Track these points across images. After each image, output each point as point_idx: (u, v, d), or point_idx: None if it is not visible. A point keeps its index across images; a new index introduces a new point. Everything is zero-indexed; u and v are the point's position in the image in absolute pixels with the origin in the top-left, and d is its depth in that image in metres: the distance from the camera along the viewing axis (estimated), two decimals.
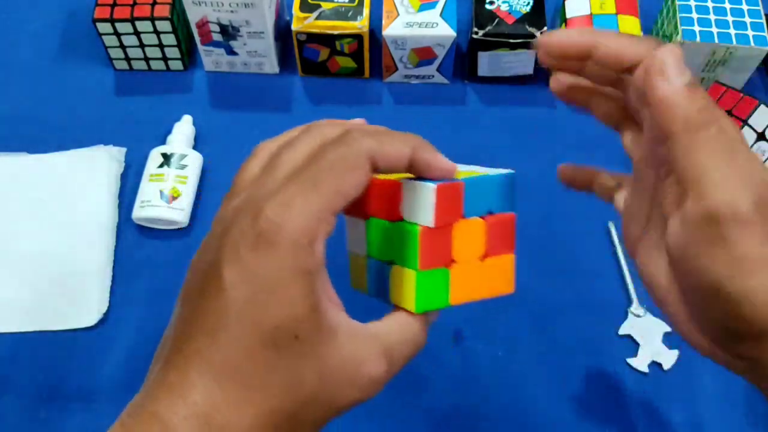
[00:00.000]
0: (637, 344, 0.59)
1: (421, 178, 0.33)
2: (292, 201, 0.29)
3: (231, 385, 0.29)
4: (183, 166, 0.65)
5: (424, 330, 0.34)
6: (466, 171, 0.35)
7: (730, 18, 0.67)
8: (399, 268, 0.33)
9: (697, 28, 0.67)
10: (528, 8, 0.68)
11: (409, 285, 0.33)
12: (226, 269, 0.29)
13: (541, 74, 0.73)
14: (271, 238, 0.28)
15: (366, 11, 0.68)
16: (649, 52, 0.31)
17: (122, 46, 0.71)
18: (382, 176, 0.33)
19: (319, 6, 0.68)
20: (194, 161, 0.66)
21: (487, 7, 0.69)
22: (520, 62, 0.70)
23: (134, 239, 0.64)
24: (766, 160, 0.63)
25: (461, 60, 0.73)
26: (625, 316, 0.60)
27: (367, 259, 0.36)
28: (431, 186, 0.32)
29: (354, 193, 0.30)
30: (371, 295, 0.36)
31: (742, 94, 0.65)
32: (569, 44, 0.34)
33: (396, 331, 0.33)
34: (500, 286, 0.35)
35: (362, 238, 0.36)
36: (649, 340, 0.59)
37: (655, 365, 0.59)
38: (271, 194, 0.29)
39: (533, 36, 0.67)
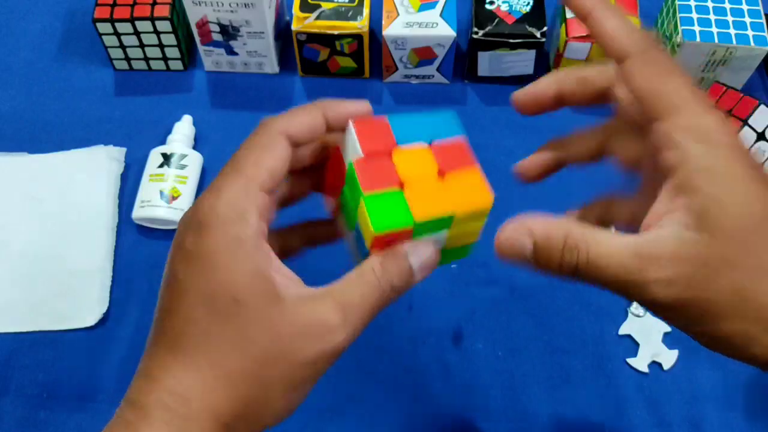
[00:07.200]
0: (637, 344, 0.59)
1: None
2: (221, 187, 0.32)
3: (182, 353, 0.30)
4: (183, 166, 0.65)
5: (384, 279, 0.33)
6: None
7: (730, 18, 0.67)
8: (358, 208, 0.35)
9: (697, 28, 0.67)
10: (528, 8, 0.68)
11: (363, 212, 0.34)
12: (175, 263, 0.32)
13: (541, 74, 0.73)
14: (206, 222, 0.31)
15: (366, 11, 0.68)
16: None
17: (122, 46, 0.71)
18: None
19: (319, 6, 0.68)
20: (194, 161, 0.66)
21: (487, 7, 0.69)
22: (520, 62, 0.70)
23: (134, 239, 0.64)
24: (766, 160, 0.63)
25: (461, 60, 0.73)
26: (625, 316, 0.60)
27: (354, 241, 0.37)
28: (350, 122, 0.35)
29: (277, 166, 0.33)
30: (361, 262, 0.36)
31: (742, 94, 0.65)
32: (541, 96, 0.39)
33: (353, 282, 0.33)
34: (475, 198, 0.35)
35: (345, 228, 0.37)
36: (649, 340, 0.59)
37: (655, 365, 0.59)
38: (205, 192, 0.33)
39: (533, 36, 0.67)
